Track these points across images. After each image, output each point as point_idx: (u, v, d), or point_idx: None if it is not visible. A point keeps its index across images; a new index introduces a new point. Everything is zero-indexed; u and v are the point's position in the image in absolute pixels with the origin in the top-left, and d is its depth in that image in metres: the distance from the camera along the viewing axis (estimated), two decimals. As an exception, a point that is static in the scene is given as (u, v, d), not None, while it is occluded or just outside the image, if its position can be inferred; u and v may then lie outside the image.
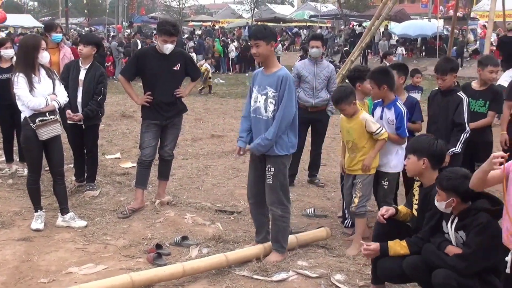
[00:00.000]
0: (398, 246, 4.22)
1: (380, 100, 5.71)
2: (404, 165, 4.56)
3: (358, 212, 5.54)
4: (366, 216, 5.66)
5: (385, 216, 4.40)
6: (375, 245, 4.25)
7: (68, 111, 6.81)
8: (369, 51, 31.50)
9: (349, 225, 6.03)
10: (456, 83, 6.07)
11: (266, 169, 5.09)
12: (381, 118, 5.64)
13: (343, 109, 5.50)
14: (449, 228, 4.05)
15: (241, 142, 5.27)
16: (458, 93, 5.89)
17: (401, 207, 4.60)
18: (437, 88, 6.13)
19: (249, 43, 5.48)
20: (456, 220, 4.00)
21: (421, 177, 4.44)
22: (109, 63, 23.58)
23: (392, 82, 5.59)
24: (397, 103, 5.59)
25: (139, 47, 23.98)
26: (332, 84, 7.84)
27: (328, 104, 7.80)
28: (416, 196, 4.53)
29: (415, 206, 4.51)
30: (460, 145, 5.73)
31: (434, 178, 4.28)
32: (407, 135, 5.56)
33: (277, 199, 5.09)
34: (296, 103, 7.70)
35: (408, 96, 6.20)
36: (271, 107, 4.98)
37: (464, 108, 5.78)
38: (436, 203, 4.03)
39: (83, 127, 7.02)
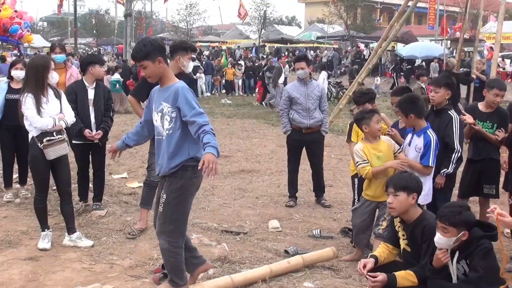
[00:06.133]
0: (407, 277, 4.23)
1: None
2: (389, 203, 4.45)
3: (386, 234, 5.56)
4: None
5: (365, 271, 4.35)
6: (382, 277, 4.22)
7: (87, 130, 6.87)
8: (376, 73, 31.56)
9: None
10: (448, 101, 6.03)
11: (161, 192, 4.54)
12: (409, 144, 5.59)
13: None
14: (449, 261, 4.07)
15: (119, 142, 5.02)
16: (449, 112, 5.83)
17: (380, 252, 4.58)
18: (430, 109, 6.13)
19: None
20: (457, 253, 4.02)
21: (405, 213, 4.43)
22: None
23: (419, 110, 5.51)
24: (428, 131, 5.48)
25: None
26: (324, 103, 7.90)
27: (321, 125, 7.85)
28: (402, 232, 4.53)
29: (405, 242, 4.52)
30: (453, 165, 5.67)
31: (417, 212, 4.41)
32: (431, 165, 5.41)
33: (165, 230, 4.49)
34: (290, 124, 7.81)
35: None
36: (166, 125, 4.42)
37: (454, 127, 5.71)
38: (440, 240, 4.02)
39: (100, 145, 7.09)
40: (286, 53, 45.89)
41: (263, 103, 21.76)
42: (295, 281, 5.17)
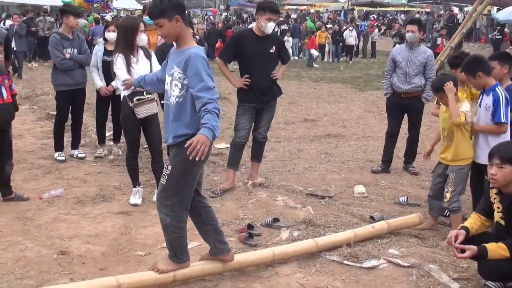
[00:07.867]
0: (499, 250, 4.06)
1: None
2: (493, 175, 4.20)
3: (451, 208, 5.45)
4: (460, 210, 5.50)
5: (456, 244, 4.17)
6: (469, 252, 4.08)
7: None
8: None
9: (447, 214, 5.88)
10: None
11: (166, 163, 4.20)
12: (479, 105, 5.42)
13: (442, 97, 5.36)
14: None
15: (136, 81, 4.90)
16: None
17: (472, 223, 4.41)
18: None
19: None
20: None
21: (506, 186, 4.22)
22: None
23: (486, 67, 5.31)
24: (496, 88, 5.28)
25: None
26: (430, 70, 7.60)
27: (423, 91, 7.60)
28: (498, 205, 4.34)
29: (499, 215, 4.33)
30: None
31: None
32: (504, 121, 5.19)
33: (168, 204, 4.15)
34: (390, 88, 7.66)
35: (509, 85, 5.62)
36: (175, 91, 4.02)
37: None
38: None
39: None
40: (375, 17, 44.82)
41: None
42: (380, 247, 5.11)
